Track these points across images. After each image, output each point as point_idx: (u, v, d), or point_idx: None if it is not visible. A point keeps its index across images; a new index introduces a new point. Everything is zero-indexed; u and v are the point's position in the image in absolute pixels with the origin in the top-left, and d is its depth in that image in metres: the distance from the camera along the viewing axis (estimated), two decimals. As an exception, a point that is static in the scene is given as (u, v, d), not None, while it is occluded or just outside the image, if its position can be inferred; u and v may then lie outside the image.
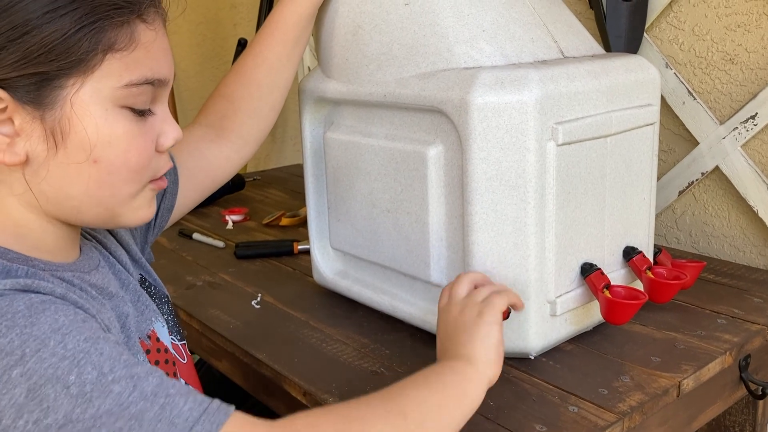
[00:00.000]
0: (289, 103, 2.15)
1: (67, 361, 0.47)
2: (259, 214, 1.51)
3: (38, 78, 0.53)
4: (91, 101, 0.55)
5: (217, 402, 0.51)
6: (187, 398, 0.50)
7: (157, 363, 0.68)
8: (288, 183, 1.82)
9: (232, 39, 2.35)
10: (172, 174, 0.82)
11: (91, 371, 0.48)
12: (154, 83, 0.59)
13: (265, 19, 1.93)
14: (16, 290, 0.50)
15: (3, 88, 0.53)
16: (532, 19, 0.85)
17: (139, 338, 0.66)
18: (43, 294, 0.52)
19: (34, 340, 0.47)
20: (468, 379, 0.64)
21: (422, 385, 0.61)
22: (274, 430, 0.53)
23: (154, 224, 0.82)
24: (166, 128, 0.62)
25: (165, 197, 0.82)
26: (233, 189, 1.67)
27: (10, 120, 0.55)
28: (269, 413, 1.07)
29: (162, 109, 0.62)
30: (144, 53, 0.57)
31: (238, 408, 0.53)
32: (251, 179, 1.84)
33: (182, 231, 1.40)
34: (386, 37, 0.85)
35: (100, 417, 0.47)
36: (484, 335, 0.67)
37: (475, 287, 0.74)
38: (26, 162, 0.56)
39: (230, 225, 1.45)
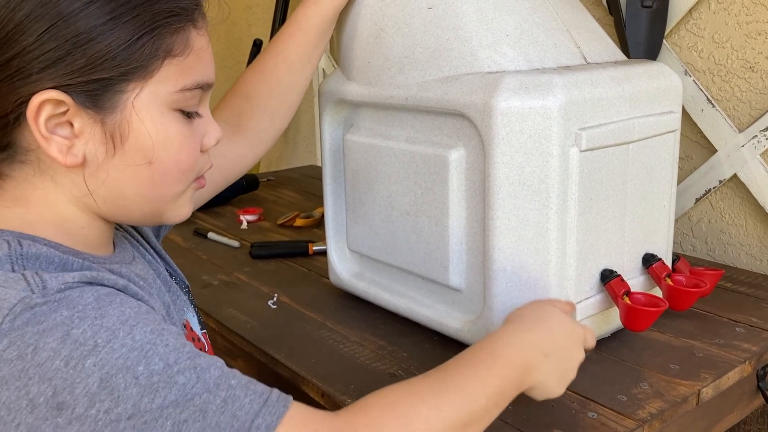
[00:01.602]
0: (302, 105, 2.15)
1: (136, 352, 0.48)
2: (273, 215, 1.52)
3: (102, 83, 0.55)
4: (149, 105, 0.57)
5: (276, 392, 0.52)
6: (247, 390, 0.51)
7: None
8: (301, 184, 1.83)
9: (246, 39, 2.35)
10: None
11: (158, 362, 0.49)
12: (204, 87, 0.61)
13: (280, 20, 1.94)
14: (84, 282, 0.52)
15: (66, 92, 0.54)
16: (555, 24, 0.85)
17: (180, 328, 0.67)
18: (108, 286, 0.53)
19: (105, 331, 0.48)
20: (512, 386, 0.62)
21: (474, 372, 0.60)
22: (337, 421, 0.53)
23: None
24: (209, 129, 0.64)
25: None
26: (247, 189, 1.67)
27: (69, 123, 0.56)
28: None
29: (205, 111, 0.64)
30: (196, 59, 0.59)
31: None
32: (265, 179, 1.85)
33: (197, 230, 1.40)
34: (409, 40, 0.85)
35: (167, 407, 0.48)
36: (553, 387, 0.66)
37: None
38: (83, 164, 0.57)
39: (245, 225, 1.45)
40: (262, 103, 0.89)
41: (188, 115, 0.60)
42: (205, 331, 0.79)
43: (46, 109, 0.54)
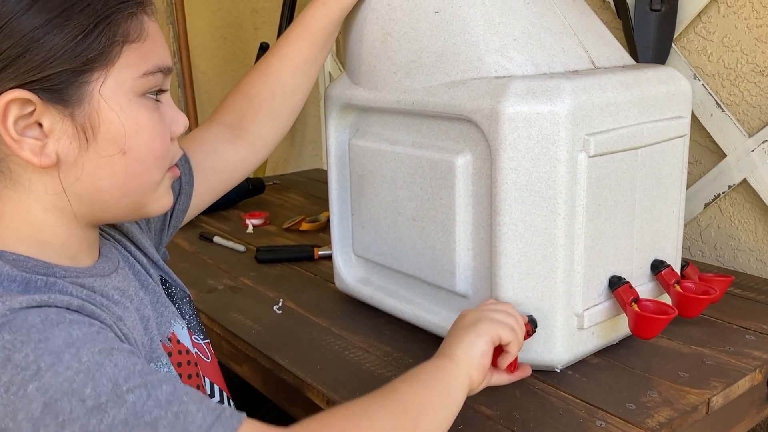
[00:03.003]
0: (309, 108, 2.15)
1: (82, 375, 0.47)
2: (279, 219, 1.51)
3: (65, 76, 0.54)
4: (116, 92, 0.57)
5: (229, 409, 0.52)
6: (200, 406, 0.50)
7: (179, 365, 0.68)
8: (307, 187, 1.82)
9: (253, 43, 2.35)
10: (188, 175, 0.82)
11: (107, 383, 0.48)
12: (164, 71, 0.61)
13: (287, 24, 1.94)
14: (33, 306, 0.50)
15: (30, 90, 0.54)
16: (563, 28, 0.84)
17: (161, 341, 0.66)
18: (58, 307, 0.52)
19: (48, 354, 0.47)
20: (451, 375, 0.65)
21: (414, 382, 0.63)
22: None
23: (169, 225, 0.83)
24: (175, 116, 0.64)
25: (180, 198, 0.82)
26: (253, 193, 1.67)
27: (38, 123, 0.55)
28: (288, 418, 1.06)
29: (167, 97, 0.64)
30: (152, 43, 0.60)
31: (254, 413, 0.53)
32: (271, 183, 1.84)
33: (203, 234, 1.40)
34: (415, 44, 0.84)
35: (116, 426, 0.47)
36: (470, 341, 0.68)
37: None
38: (57, 163, 0.57)
39: (250, 229, 1.45)
40: (265, 105, 0.88)
41: (155, 99, 0.60)
42: (208, 341, 0.78)
43: (12, 110, 0.54)
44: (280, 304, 1.06)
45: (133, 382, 0.48)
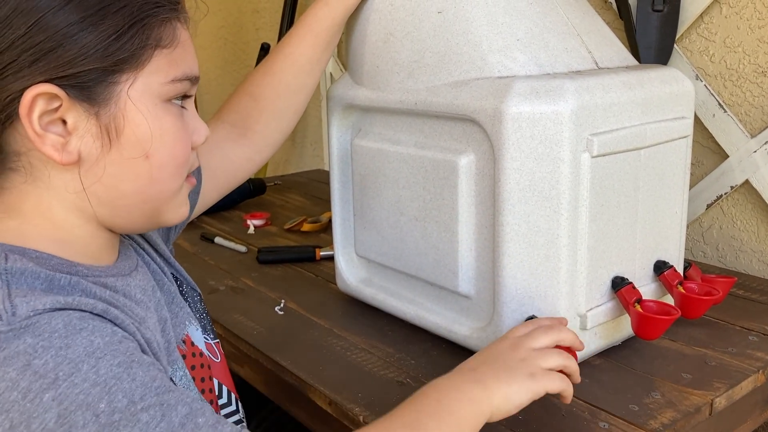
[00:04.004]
0: (310, 108, 2.15)
1: (98, 388, 0.47)
2: (280, 219, 1.51)
3: (95, 74, 0.54)
4: (143, 96, 0.57)
5: None
6: (214, 431, 0.49)
7: (193, 368, 0.68)
8: (308, 188, 1.82)
9: (254, 43, 2.35)
10: (197, 173, 0.82)
11: (122, 399, 0.47)
12: (192, 80, 0.61)
13: (288, 24, 1.94)
14: (57, 308, 0.50)
15: (58, 86, 0.53)
16: (567, 29, 0.84)
17: (176, 344, 0.66)
18: (83, 311, 0.51)
19: (68, 363, 0.47)
20: (482, 416, 0.60)
21: (445, 414, 0.58)
22: None
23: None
24: (197, 125, 0.64)
25: (190, 197, 0.81)
26: (255, 193, 1.67)
27: (62, 120, 0.55)
28: (289, 420, 1.06)
29: (191, 106, 0.64)
30: (183, 51, 0.60)
31: (256, 414, 0.51)
32: (272, 183, 1.84)
33: (204, 235, 1.40)
34: (418, 44, 0.84)
35: None
36: (515, 390, 0.61)
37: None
38: (79, 161, 0.56)
39: (252, 229, 1.45)
40: (269, 105, 0.88)
41: (180, 107, 0.60)
42: (218, 341, 0.78)
43: (39, 104, 0.53)
44: (282, 305, 1.05)
45: (149, 400, 0.48)
